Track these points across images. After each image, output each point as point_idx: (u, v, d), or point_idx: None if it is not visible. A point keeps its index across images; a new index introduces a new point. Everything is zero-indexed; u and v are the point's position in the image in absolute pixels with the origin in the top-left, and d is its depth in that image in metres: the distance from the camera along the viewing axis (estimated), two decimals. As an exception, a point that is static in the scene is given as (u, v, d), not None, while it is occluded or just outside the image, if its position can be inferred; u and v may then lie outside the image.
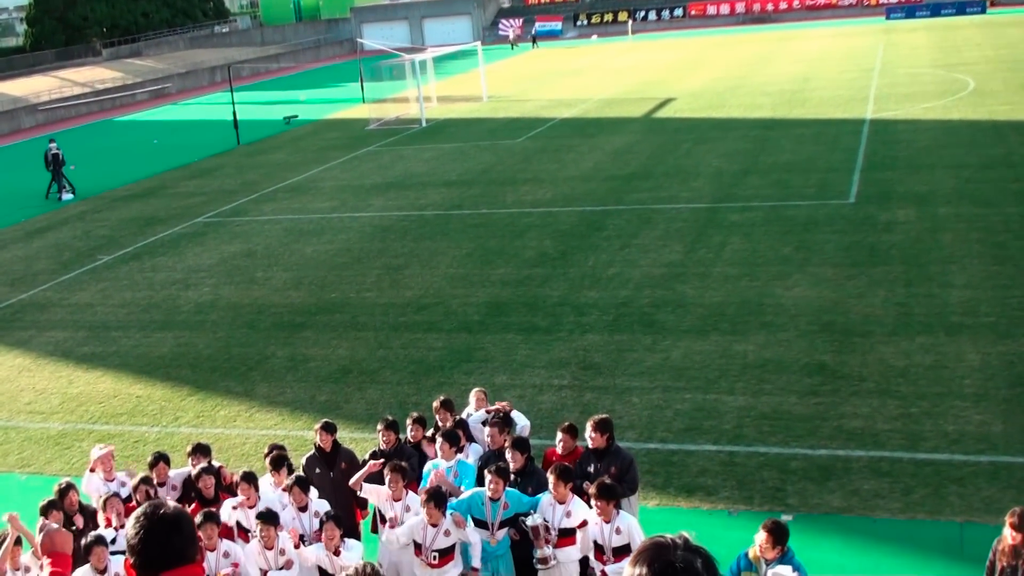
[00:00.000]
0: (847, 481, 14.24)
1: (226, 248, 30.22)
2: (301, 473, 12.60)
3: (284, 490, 12.15)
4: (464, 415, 13.79)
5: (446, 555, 11.38)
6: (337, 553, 11.11)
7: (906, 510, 13.44)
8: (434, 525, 11.18)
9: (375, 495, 12.08)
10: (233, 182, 41.03)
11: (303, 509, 11.96)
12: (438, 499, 11.20)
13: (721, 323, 20.33)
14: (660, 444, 15.70)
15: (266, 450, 13.40)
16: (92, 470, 13.29)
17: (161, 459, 13.11)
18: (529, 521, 11.29)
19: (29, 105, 73.48)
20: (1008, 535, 9.77)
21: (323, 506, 12.10)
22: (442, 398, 13.66)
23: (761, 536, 9.79)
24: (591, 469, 11.85)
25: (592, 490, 10.87)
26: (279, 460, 12.83)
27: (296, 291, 25.21)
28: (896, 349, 18.23)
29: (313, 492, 12.29)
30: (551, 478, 11.28)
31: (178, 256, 29.91)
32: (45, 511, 11.87)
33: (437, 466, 12.28)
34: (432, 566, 11.40)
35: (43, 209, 39.83)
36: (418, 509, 11.49)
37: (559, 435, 12.40)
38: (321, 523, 11.44)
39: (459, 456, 12.39)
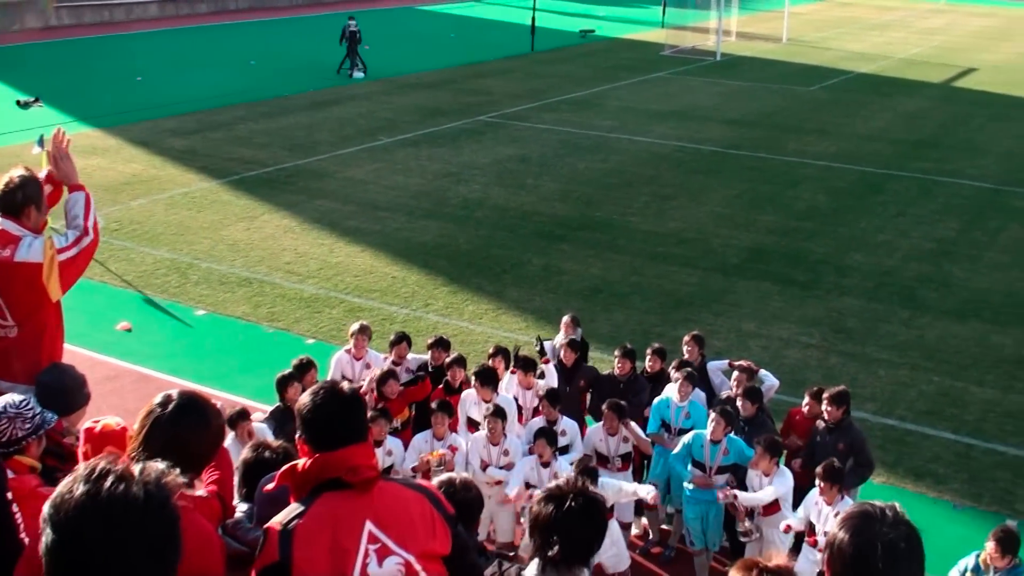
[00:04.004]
0: (1089, 497, 13.54)
1: (502, 150, 30.68)
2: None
3: (539, 396, 12.28)
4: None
5: None
6: (546, 466, 11.10)
7: None
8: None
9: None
10: (520, 87, 41.51)
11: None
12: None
13: (983, 311, 19.48)
14: (898, 422, 15.26)
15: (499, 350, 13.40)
16: (348, 351, 13.46)
17: (404, 339, 13.50)
18: (720, 495, 11.13)
19: (334, -20, 75.25)
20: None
21: (570, 424, 12.10)
22: (695, 333, 13.57)
23: (990, 546, 9.45)
24: (818, 440, 11.54)
25: (819, 470, 10.49)
26: (530, 363, 12.84)
27: (562, 203, 25.43)
28: None
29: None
30: (757, 449, 11.00)
31: (455, 150, 30.57)
32: (282, 384, 11.92)
33: (668, 401, 12.26)
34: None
35: (332, 83, 41.31)
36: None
37: (807, 398, 12.18)
38: (539, 433, 11.35)
39: (692, 398, 12.29)
